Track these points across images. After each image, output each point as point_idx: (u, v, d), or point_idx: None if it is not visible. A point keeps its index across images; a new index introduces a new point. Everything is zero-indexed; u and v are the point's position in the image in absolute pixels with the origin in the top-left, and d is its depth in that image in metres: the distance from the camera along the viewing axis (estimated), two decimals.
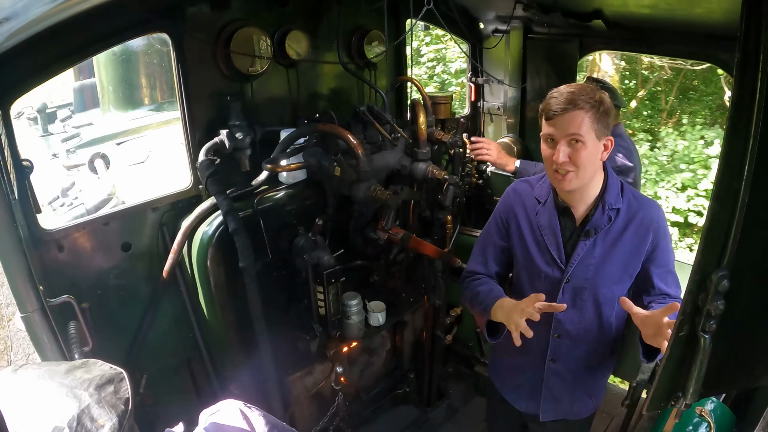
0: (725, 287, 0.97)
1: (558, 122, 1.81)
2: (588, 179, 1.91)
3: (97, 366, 1.46)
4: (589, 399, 2.25)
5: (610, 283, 2.02)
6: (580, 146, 1.80)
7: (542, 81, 3.49)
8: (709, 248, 1.00)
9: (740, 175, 0.92)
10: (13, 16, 1.46)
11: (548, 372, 2.18)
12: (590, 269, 2.00)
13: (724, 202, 0.96)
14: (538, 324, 2.08)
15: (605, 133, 1.84)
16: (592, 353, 2.14)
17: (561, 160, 1.82)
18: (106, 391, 1.35)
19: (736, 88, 0.88)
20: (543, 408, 2.24)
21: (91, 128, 6.05)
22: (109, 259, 2.48)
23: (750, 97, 0.85)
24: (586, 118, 1.78)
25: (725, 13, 2.41)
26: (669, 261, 2.03)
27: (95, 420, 1.26)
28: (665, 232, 2.00)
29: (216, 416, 1.30)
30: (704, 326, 1.00)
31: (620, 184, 2.02)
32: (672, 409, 1.95)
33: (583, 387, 2.21)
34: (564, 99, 1.79)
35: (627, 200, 1.99)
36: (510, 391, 2.35)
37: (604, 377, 2.26)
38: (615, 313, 2.09)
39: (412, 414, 3.73)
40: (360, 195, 2.56)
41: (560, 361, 2.15)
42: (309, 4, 2.81)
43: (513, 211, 2.15)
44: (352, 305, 2.78)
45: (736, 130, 0.89)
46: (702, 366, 1.05)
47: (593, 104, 1.78)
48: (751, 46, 0.84)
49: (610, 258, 1.99)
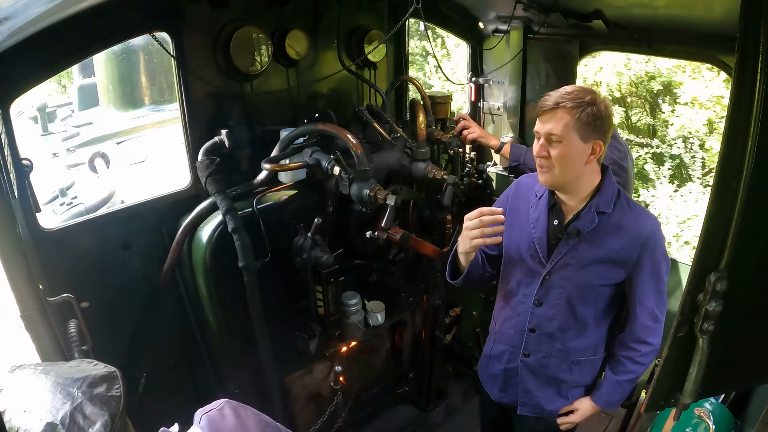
0: (723, 288, 0.97)
1: (542, 119, 1.89)
2: (567, 179, 1.93)
3: (91, 365, 1.47)
4: (566, 401, 2.24)
5: (587, 286, 2.02)
6: (556, 145, 1.86)
7: (542, 81, 3.50)
8: (707, 249, 1.00)
9: (739, 175, 0.92)
10: (13, 15, 1.46)
11: (522, 365, 2.23)
12: (568, 269, 2.02)
13: (722, 203, 0.96)
14: (515, 316, 2.20)
15: (595, 136, 1.85)
16: (566, 352, 2.15)
17: (538, 153, 1.90)
18: (99, 389, 1.36)
19: (735, 88, 0.88)
20: (519, 402, 2.29)
21: (91, 127, 6.05)
22: (108, 258, 2.49)
23: (748, 97, 0.85)
24: (568, 119, 1.82)
25: (725, 13, 2.41)
26: (650, 292, 2.01)
27: (87, 417, 1.28)
28: (655, 246, 1.95)
29: (210, 415, 1.31)
30: (702, 327, 1.01)
31: (617, 191, 2.00)
32: (671, 409, 1.96)
33: (556, 386, 2.22)
34: (551, 100, 1.85)
35: (620, 207, 1.98)
36: (488, 380, 2.41)
37: (582, 381, 2.23)
38: (593, 316, 2.10)
39: (411, 414, 3.74)
40: (359, 194, 2.56)
41: (534, 355, 2.19)
42: (309, 4, 2.81)
43: (514, 202, 2.20)
44: (352, 305, 2.78)
45: (735, 130, 0.90)
46: (700, 366, 1.05)
47: (579, 106, 1.81)
48: (749, 47, 0.84)
49: (592, 262, 1.99)
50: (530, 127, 3.67)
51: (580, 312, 2.07)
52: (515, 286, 2.18)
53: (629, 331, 2.11)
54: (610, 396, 2.18)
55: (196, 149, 2.54)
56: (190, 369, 2.92)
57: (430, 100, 3.17)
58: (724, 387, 1.79)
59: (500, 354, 2.30)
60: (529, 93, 3.58)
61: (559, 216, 2.05)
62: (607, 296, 2.06)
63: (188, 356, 2.86)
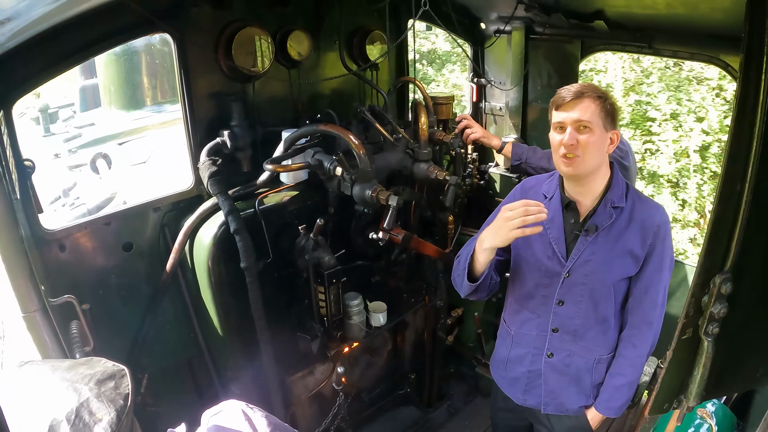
0: (728, 290, 0.96)
1: (566, 109, 1.92)
2: (593, 168, 1.97)
3: (100, 363, 1.47)
4: (589, 399, 2.24)
5: (608, 281, 2.05)
6: (587, 132, 1.90)
7: (544, 81, 3.49)
8: (712, 250, 0.99)
9: (744, 177, 0.91)
10: (15, 16, 1.46)
11: (546, 366, 2.22)
12: (589, 265, 2.03)
13: (727, 204, 0.95)
14: (536, 317, 2.18)
15: (612, 127, 1.94)
16: (589, 350, 2.16)
17: (568, 141, 1.90)
18: (107, 386, 1.36)
19: (740, 89, 0.87)
20: (543, 401, 2.27)
21: (93, 128, 6.06)
22: (110, 259, 2.48)
23: (754, 98, 0.85)
24: (594, 107, 1.89)
25: (727, 14, 2.41)
26: (653, 278, 2.05)
27: (94, 414, 1.27)
28: (665, 236, 2.02)
29: (218, 417, 1.31)
30: (707, 329, 1.00)
31: (625, 185, 2.06)
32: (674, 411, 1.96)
33: (580, 384, 2.22)
34: (574, 90, 1.92)
35: (631, 200, 2.03)
36: (508, 385, 2.37)
37: (602, 376, 2.24)
38: (613, 312, 2.11)
39: (413, 415, 3.73)
40: (361, 195, 2.56)
41: (557, 355, 2.19)
42: (310, 5, 2.81)
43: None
44: (353, 305, 2.77)
45: (740, 131, 0.89)
46: (704, 369, 1.04)
47: (601, 96, 1.91)
48: (755, 48, 0.83)
49: (611, 256, 2.02)
50: (532, 127, 3.66)
51: (602, 308, 2.09)
52: (532, 288, 2.16)
53: (629, 325, 2.13)
54: (609, 402, 2.18)
55: (198, 150, 2.54)
56: (192, 370, 2.92)
57: (432, 101, 3.16)
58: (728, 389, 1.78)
59: (521, 357, 2.27)
60: (531, 93, 3.57)
61: (575, 214, 2.07)
62: (624, 291, 2.10)
63: (190, 357, 2.85)
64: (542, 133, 3.60)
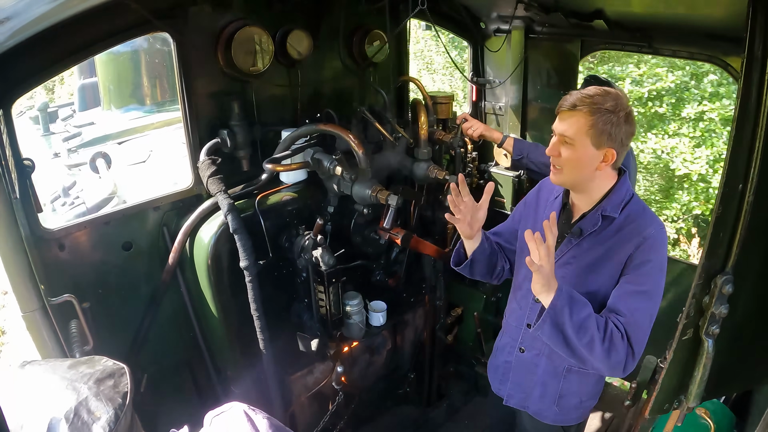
0: (729, 291, 0.96)
1: (561, 118, 1.89)
2: (574, 181, 1.95)
3: (101, 362, 1.47)
4: (554, 405, 2.19)
5: (584, 287, 1.95)
6: (568, 147, 1.86)
7: (544, 81, 3.49)
8: (713, 251, 0.99)
9: (745, 177, 0.91)
10: (14, 15, 1.45)
11: (516, 360, 2.25)
12: (568, 268, 2.01)
13: (729, 205, 0.95)
14: (518, 309, 2.23)
15: (608, 144, 1.82)
16: (560, 355, 2.03)
17: (549, 151, 1.92)
18: (105, 385, 1.36)
19: (742, 90, 0.87)
20: (508, 393, 2.31)
21: (92, 127, 6.05)
22: (110, 259, 2.48)
23: (756, 99, 0.84)
24: (583, 123, 1.80)
25: (727, 14, 2.41)
26: (637, 284, 1.84)
27: (92, 412, 1.28)
28: (650, 248, 1.85)
29: (221, 418, 1.31)
30: (708, 330, 1.00)
31: (629, 196, 1.96)
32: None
33: (545, 389, 2.19)
34: (571, 101, 1.84)
35: (629, 211, 1.94)
36: (491, 371, 2.43)
37: (569, 391, 2.16)
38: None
39: (412, 414, 3.73)
40: (361, 195, 2.55)
41: (528, 351, 2.21)
42: (310, 4, 2.81)
43: (536, 199, 2.26)
44: (353, 305, 2.77)
45: (742, 132, 0.89)
46: (705, 369, 1.04)
47: (596, 111, 1.78)
48: (757, 49, 0.83)
49: (594, 263, 1.96)
50: (532, 126, 3.66)
51: None
52: (521, 280, 2.20)
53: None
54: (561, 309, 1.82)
55: (198, 149, 2.54)
56: (192, 369, 2.92)
57: (431, 100, 3.16)
58: (728, 389, 1.78)
59: (503, 346, 2.33)
60: (531, 93, 3.57)
61: (568, 215, 2.07)
62: (602, 305, 1.95)
63: (189, 356, 2.85)
64: (542, 132, 3.60)
